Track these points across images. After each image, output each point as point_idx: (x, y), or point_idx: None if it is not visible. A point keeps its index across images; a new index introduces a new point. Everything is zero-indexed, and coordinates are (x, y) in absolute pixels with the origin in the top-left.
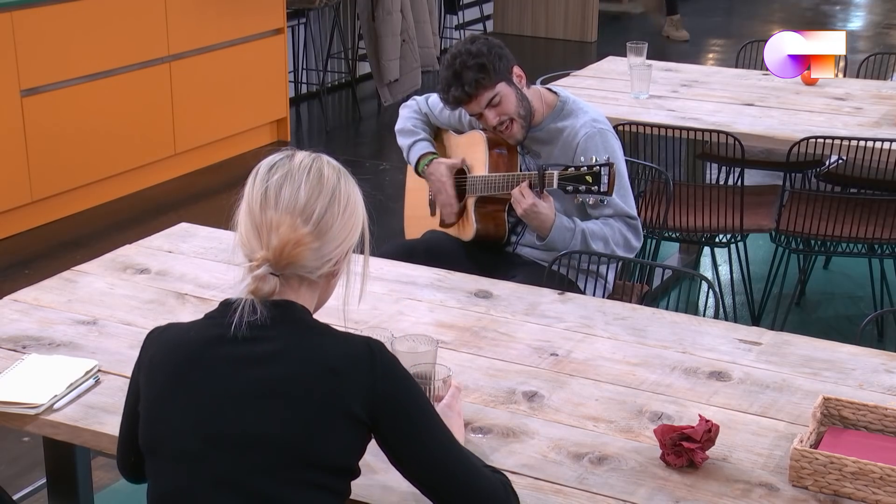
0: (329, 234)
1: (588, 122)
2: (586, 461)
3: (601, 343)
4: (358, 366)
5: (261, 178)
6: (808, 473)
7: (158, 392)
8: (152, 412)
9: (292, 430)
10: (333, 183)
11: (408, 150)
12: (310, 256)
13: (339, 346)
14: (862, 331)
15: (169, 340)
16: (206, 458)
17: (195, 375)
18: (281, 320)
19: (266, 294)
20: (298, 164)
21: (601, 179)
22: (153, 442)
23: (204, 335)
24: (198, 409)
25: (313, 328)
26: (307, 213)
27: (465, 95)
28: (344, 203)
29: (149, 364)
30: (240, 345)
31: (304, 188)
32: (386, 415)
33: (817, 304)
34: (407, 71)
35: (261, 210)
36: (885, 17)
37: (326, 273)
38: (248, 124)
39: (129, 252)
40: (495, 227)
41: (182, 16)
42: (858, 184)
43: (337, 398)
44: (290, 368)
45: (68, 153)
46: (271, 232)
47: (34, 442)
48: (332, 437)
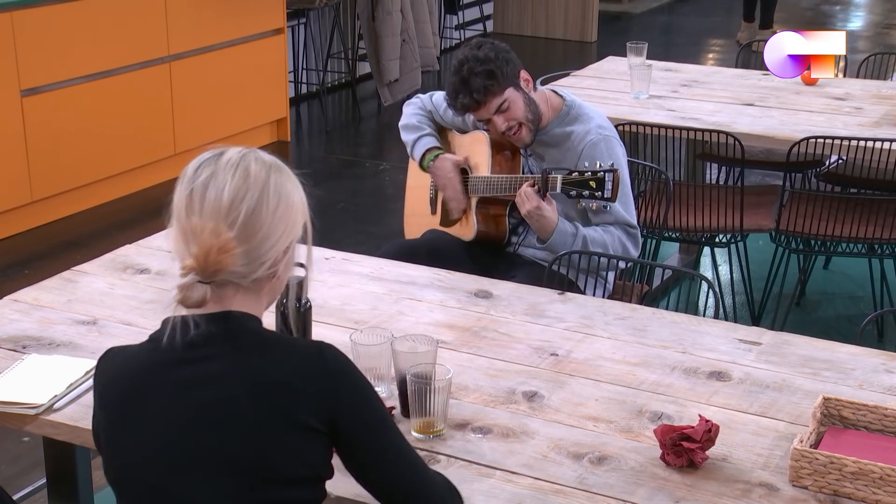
0: (258, 236)
1: (594, 129)
2: (586, 461)
3: (601, 343)
4: (309, 376)
5: (187, 180)
6: (808, 473)
7: (111, 428)
8: (108, 446)
9: (249, 450)
10: (262, 180)
11: (412, 144)
12: (238, 262)
13: (287, 358)
14: (862, 331)
15: (114, 370)
16: (168, 487)
17: (144, 406)
18: (222, 336)
19: (195, 303)
20: (225, 162)
21: (605, 185)
22: (115, 476)
23: (146, 361)
24: (153, 440)
25: (258, 341)
26: (232, 216)
27: (473, 103)
28: (275, 201)
29: (100, 398)
30: (183, 367)
31: (228, 189)
32: (342, 421)
33: (817, 304)
34: (407, 71)
35: (186, 215)
36: (885, 17)
37: (263, 276)
38: (248, 124)
39: (129, 252)
40: (496, 228)
41: (182, 16)
42: (858, 184)
43: (290, 413)
44: (238, 387)
45: (68, 153)
46: (195, 238)
47: (34, 442)
48: (292, 452)
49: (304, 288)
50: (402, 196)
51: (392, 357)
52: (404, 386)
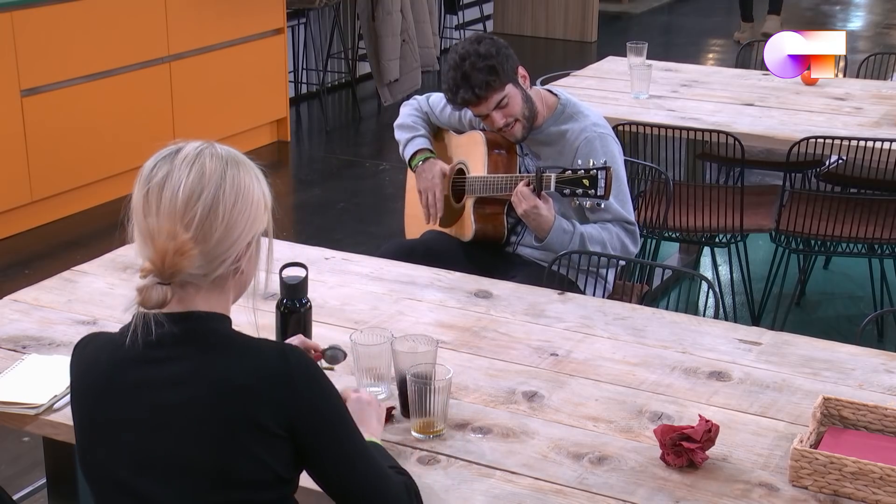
0: (215, 235)
1: (589, 126)
2: (586, 461)
3: (601, 343)
4: (270, 380)
5: (143, 181)
6: (808, 473)
7: (82, 424)
8: (83, 446)
9: (211, 453)
10: (217, 177)
11: (404, 144)
12: (196, 263)
13: (249, 362)
14: (862, 331)
15: (83, 362)
16: (135, 487)
17: (108, 404)
18: (186, 336)
19: (156, 304)
20: (181, 160)
21: (598, 183)
22: (90, 475)
23: (113, 357)
24: (119, 440)
25: (221, 342)
26: (188, 216)
27: (474, 97)
28: (232, 197)
29: (73, 391)
30: (147, 367)
31: (183, 189)
32: (303, 425)
33: (817, 304)
34: (407, 71)
35: (144, 216)
36: (885, 17)
37: (226, 273)
38: (248, 124)
39: (129, 252)
40: (494, 228)
41: (182, 16)
42: (858, 184)
43: (251, 416)
44: (200, 390)
45: (68, 153)
46: (152, 240)
47: (34, 442)
48: (254, 455)
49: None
50: (402, 196)
51: (392, 357)
52: (404, 386)
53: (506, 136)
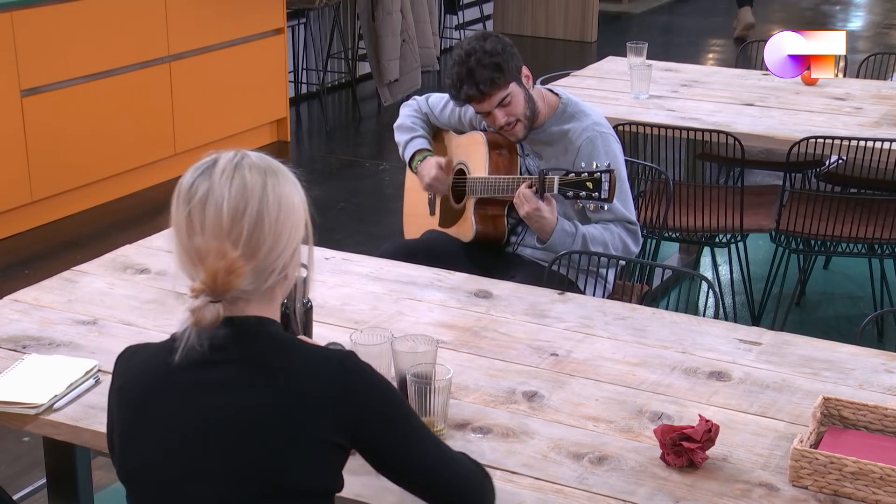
0: (263, 248)
1: (590, 126)
2: (586, 461)
3: (601, 343)
4: (331, 389)
5: (183, 200)
6: (808, 473)
7: (127, 425)
8: (124, 445)
9: (263, 459)
10: (259, 189)
11: (404, 146)
12: (247, 279)
13: (308, 368)
14: (862, 331)
15: (133, 368)
16: (178, 489)
17: (160, 407)
18: (241, 341)
19: (210, 323)
20: (220, 174)
21: (602, 186)
22: (128, 474)
23: (165, 361)
24: (166, 441)
25: (277, 347)
26: (235, 233)
27: (478, 94)
28: (276, 209)
29: (117, 394)
30: (201, 370)
31: (227, 205)
32: (368, 433)
33: (817, 304)
34: (407, 71)
35: (188, 237)
36: (885, 17)
37: (274, 283)
38: (248, 124)
39: (129, 252)
40: (494, 229)
41: (182, 16)
42: (858, 184)
43: (310, 427)
44: (256, 395)
45: (68, 153)
46: (201, 261)
47: (34, 442)
48: (308, 464)
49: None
50: (401, 196)
51: (392, 357)
52: (404, 386)
53: (507, 135)
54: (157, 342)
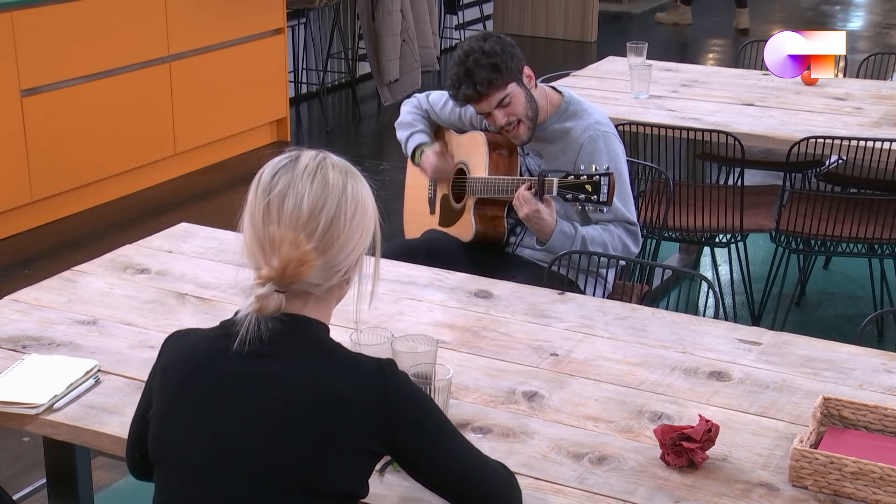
0: (336, 245)
1: (592, 125)
2: (586, 461)
3: (601, 343)
4: (370, 396)
5: (263, 188)
6: (808, 473)
7: (167, 403)
8: (161, 422)
9: (296, 456)
10: (340, 189)
11: (405, 141)
12: (316, 273)
13: (349, 373)
14: (862, 331)
15: (181, 350)
16: (208, 473)
17: (203, 390)
18: (291, 337)
19: (271, 312)
20: (302, 170)
21: (601, 189)
22: (160, 452)
23: (214, 347)
24: (204, 425)
25: (323, 349)
26: (311, 226)
27: (476, 94)
28: (352, 209)
29: (161, 373)
30: (248, 360)
31: (307, 198)
32: (404, 441)
33: (817, 304)
34: (407, 71)
35: (263, 224)
36: (885, 17)
37: (336, 284)
38: (248, 124)
39: (129, 252)
40: (494, 229)
41: (182, 16)
42: (858, 184)
43: (347, 431)
44: (298, 392)
45: (68, 153)
46: (274, 249)
47: (34, 442)
48: (340, 467)
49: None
50: (401, 196)
51: (392, 357)
52: None
53: (510, 137)
54: (206, 328)
